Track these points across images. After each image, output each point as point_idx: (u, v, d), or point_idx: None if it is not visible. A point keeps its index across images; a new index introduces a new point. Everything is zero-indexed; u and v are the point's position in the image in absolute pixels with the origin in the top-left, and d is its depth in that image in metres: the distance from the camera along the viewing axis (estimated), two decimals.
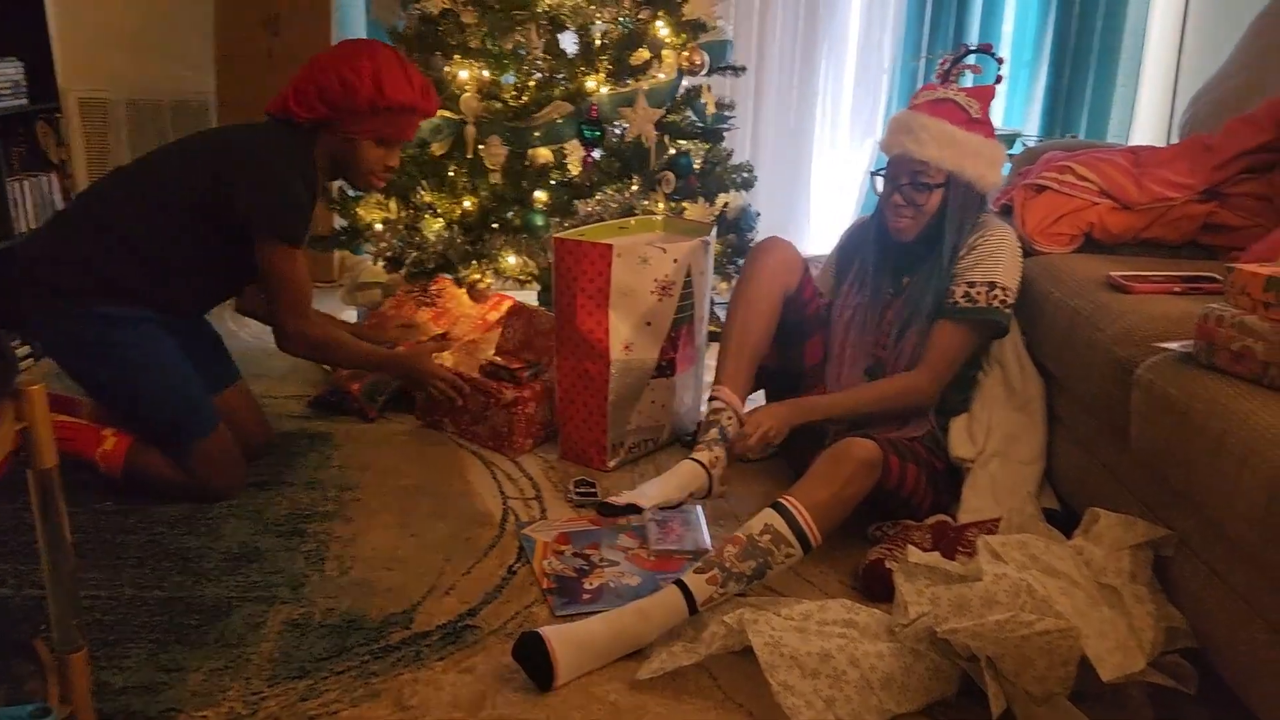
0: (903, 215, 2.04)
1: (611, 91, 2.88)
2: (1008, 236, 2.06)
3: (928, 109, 2.01)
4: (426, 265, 2.87)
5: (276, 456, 2.34)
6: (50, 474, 1.27)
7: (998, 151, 2.05)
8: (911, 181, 2.01)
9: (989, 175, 2.03)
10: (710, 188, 3.06)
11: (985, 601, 1.48)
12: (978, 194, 2.05)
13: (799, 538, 1.66)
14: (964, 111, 2.00)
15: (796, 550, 1.67)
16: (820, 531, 1.69)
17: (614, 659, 1.61)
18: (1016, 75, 4.18)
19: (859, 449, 1.77)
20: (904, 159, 2.01)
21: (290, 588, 1.81)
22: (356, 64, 2.07)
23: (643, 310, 2.28)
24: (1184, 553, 1.57)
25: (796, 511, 1.68)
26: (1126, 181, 2.24)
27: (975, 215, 2.06)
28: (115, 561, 1.88)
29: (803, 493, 1.71)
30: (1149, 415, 1.57)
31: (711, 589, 1.62)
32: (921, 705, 1.51)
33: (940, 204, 2.02)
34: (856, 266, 2.19)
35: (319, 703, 1.51)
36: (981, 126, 2.02)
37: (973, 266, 2.02)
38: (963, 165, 1.99)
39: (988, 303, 2.00)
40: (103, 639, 1.64)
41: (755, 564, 1.64)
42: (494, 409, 2.42)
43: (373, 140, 2.14)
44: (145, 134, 4.13)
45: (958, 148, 1.98)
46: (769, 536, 1.66)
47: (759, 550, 1.65)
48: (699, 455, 1.98)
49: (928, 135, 1.98)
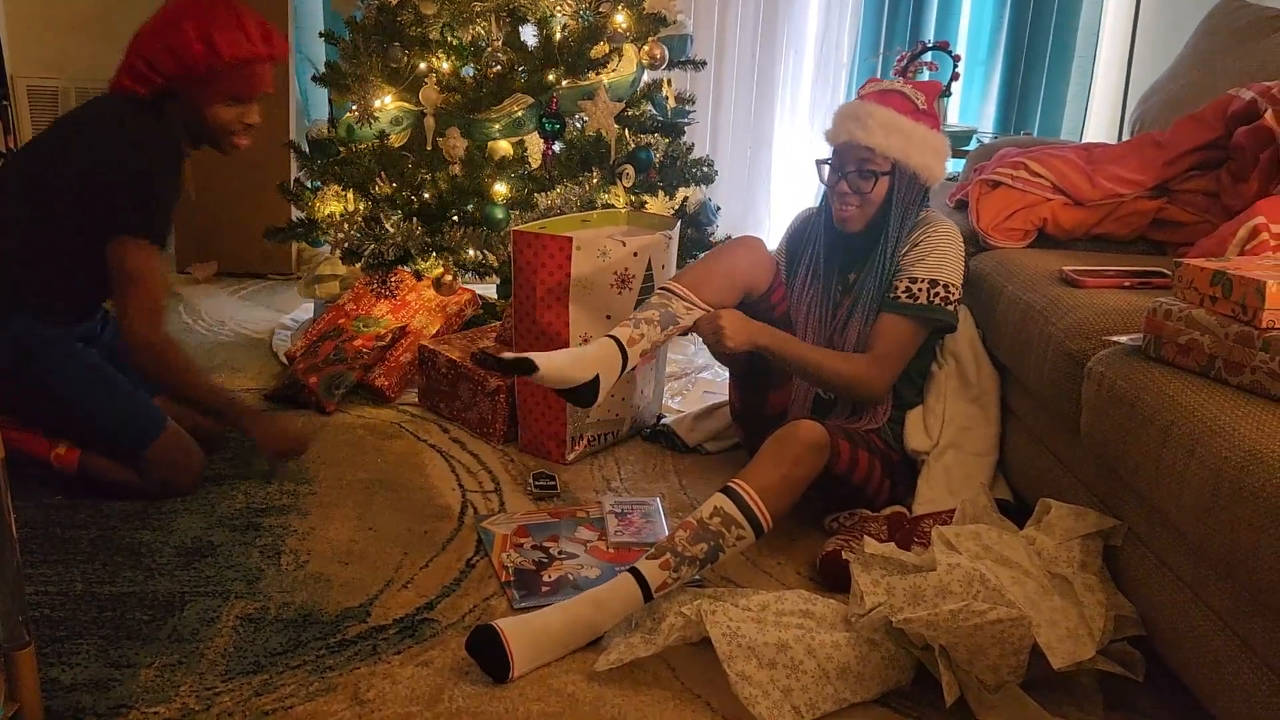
0: (849, 204, 2.04)
1: (572, 85, 2.87)
2: (951, 233, 2.07)
3: (875, 98, 2.03)
4: (385, 257, 2.84)
5: (231, 450, 2.31)
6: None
7: (943, 144, 2.06)
8: (858, 169, 2.01)
9: (934, 167, 2.04)
10: (670, 181, 3.06)
11: (939, 591, 1.50)
12: (921, 185, 2.06)
13: (749, 519, 1.67)
14: (910, 102, 2.02)
15: (747, 532, 1.67)
16: (770, 513, 1.69)
17: (571, 649, 1.61)
18: (972, 72, 4.22)
19: (805, 430, 1.77)
20: (851, 146, 2.01)
21: (245, 582, 1.79)
22: (181, 28, 1.93)
23: (602, 303, 2.28)
24: (1132, 542, 1.60)
25: (745, 494, 1.68)
26: (1079, 178, 2.28)
27: (917, 208, 2.08)
28: (65, 556, 1.85)
29: (751, 475, 1.72)
30: (1099, 407, 1.60)
31: (665, 574, 1.62)
32: (877, 694, 1.53)
33: (886, 193, 2.03)
34: (807, 259, 2.20)
35: (274, 698, 1.49)
36: (927, 118, 2.04)
37: (915, 263, 2.03)
38: (908, 154, 2.00)
39: (929, 300, 2.01)
40: (51, 635, 1.61)
41: (706, 546, 1.65)
42: (480, 396, 2.42)
43: (223, 102, 2.01)
44: None
45: (904, 136, 1.99)
46: (719, 519, 1.66)
47: (709, 533, 1.65)
48: (619, 331, 1.87)
49: (875, 123, 1.98)
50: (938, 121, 2.07)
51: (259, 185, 3.58)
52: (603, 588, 1.64)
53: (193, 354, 2.21)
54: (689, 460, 2.41)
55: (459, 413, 2.54)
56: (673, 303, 1.93)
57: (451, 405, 2.56)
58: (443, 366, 2.55)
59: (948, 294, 2.03)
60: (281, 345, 3.02)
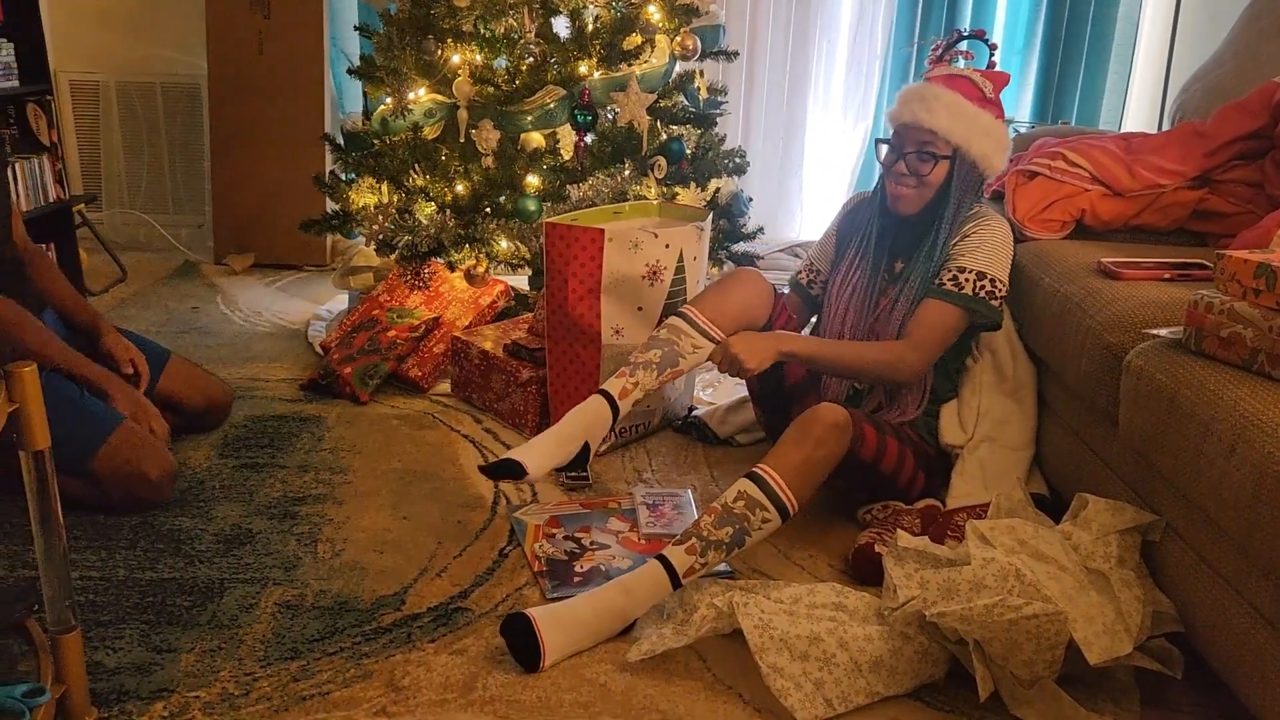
0: (905, 184, 2.01)
1: (604, 76, 2.87)
2: (1004, 230, 2.04)
3: (943, 81, 2.00)
4: (419, 249, 2.86)
5: (269, 439, 2.35)
6: (43, 455, 1.27)
7: (1005, 135, 2.03)
8: (918, 151, 1.99)
9: (994, 157, 2.01)
10: (702, 173, 3.06)
11: (973, 586, 1.50)
12: (979, 174, 2.04)
13: (773, 502, 1.66)
14: (978, 89, 2.00)
15: (772, 514, 1.66)
16: (794, 495, 1.67)
17: (602, 638, 1.62)
18: (1008, 61, 4.17)
19: (826, 412, 1.76)
20: (913, 127, 1.98)
21: (283, 569, 1.82)
22: None
23: (634, 295, 2.28)
24: (1171, 538, 1.58)
25: (769, 476, 1.68)
26: (1118, 168, 2.25)
27: (973, 198, 2.06)
28: (108, 543, 1.88)
29: (774, 458, 1.71)
30: (1138, 401, 1.58)
31: (691, 559, 1.62)
32: (910, 688, 1.52)
33: (944, 178, 2.00)
34: (856, 243, 2.18)
35: (311, 683, 1.51)
36: (993, 107, 2.01)
37: (964, 254, 2.01)
38: (970, 141, 1.97)
39: (974, 291, 1.99)
40: (96, 619, 1.64)
41: (732, 530, 1.64)
42: (512, 388, 2.44)
43: None
44: (136, 115, 4.12)
45: (968, 122, 1.96)
46: (743, 503, 1.66)
47: (734, 517, 1.65)
48: (612, 383, 1.89)
49: (940, 105, 1.96)
50: (1002, 112, 2.05)
51: (295, 178, 3.62)
52: (631, 575, 1.65)
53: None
54: (720, 452, 2.41)
55: (492, 403, 2.55)
56: (681, 341, 1.93)
57: (484, 396, 2.57)
58: (475, 358, 2.56)
59: (994, 289, 2.01)
60: (317, 336, 3.05)
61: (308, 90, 3.70)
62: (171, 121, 4.15)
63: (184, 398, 2.28)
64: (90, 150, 4.16)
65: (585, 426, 1.86)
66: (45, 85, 3.35)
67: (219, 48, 3.68)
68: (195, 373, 2.35)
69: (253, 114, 3.70)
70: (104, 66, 4.05)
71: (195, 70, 3.98)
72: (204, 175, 4.08)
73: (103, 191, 4.18)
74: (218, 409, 2.37)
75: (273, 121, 3.70)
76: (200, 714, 1.44)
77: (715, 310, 1.99)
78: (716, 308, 1.99)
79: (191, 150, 4.18)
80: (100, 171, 4.18)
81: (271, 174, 3.74)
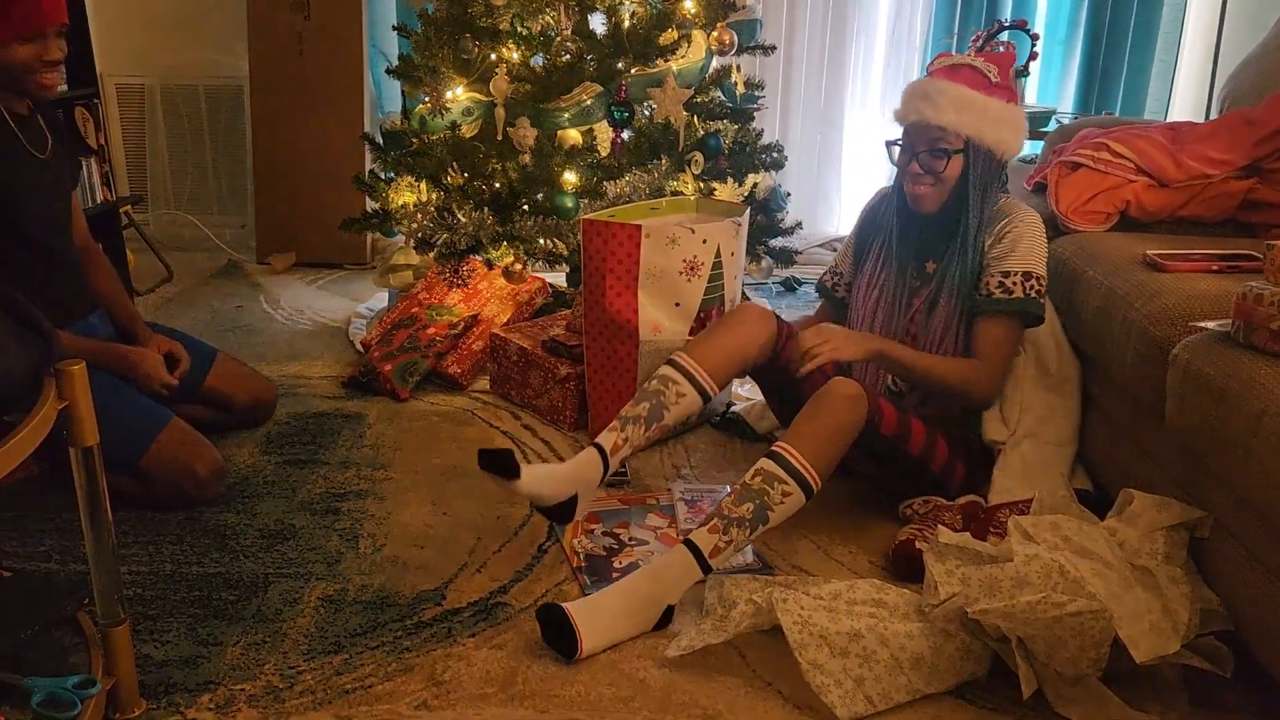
0: (922, 184, 1.98)
1: (640, 72, 2.87)
2: (1035, 222, 2.01)
3: (945, 74, 1.97)
4: (457, 247, 2.88)
5: (311, 436, 2.38)
6: (92, 451, 1.29)
7: (1019, 116, 1.99)
8: (930, 149, 1.95)
9: (1010, 141, 1.97)
10: (739, 168, 3.05)
11: (1017, 582, 1.48)
12: (998, 162, 2.00)
13: (791, 474, 1.67)
14: (983, 76, 1.95)
15: (792, 487, 1.67)
16: (812, 465, 1.68)
17: (638, 628, 1.62)
18: (1051, 51, 4.11)
19: (838, 385, 1.77)
20: (921, 126, 1.95)
21: (325, 564, 1.84)
22: None
23: (672, 291, 2.28)
24: (1220, 534, 1.55)
25: (784, 451, 1.70)
26: (1164, 158, 2.21)
27: (997, 187, 2.02)
28: (155, 538, 1.92)
29: (790, 435, 1.73)
30: (1185, 395, 1.55)
31: (715, 538, 1.63)
32: (951, 685, 1.51)
33: (961, 172, 1.97)
34: (880, 242, 2.16)
35: (354, 677, 1.53)
36: (1001, 91, 1.97)
37: (1005, 256, 1.98)
38: (982, 130, 1.93)
39: (1024, 293, 1.96)
40: (144, 613, 1.68)
41: (752, 506, 1.65)
42: (550, 384, 2.45)
43: (14, 41, 1.86)
44: (180, 118, 4.18)
45: (976, 112, 1.93)
46: (760, 478, 1.68)
47: (753, 493, 1.66)
48: (604, 437, 1.87)
49: (945, 100, 1.92)
50: (1013, 94, 2.00)
51: (335, 178, 3.66)
52: (659, 560, 1.66)
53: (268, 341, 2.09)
54: (759, 448, 2.40)
55: (530, 400, 2.56)
56: (667, 390, 1.90)
57: (523, 392, 2.58)
58: (514, 354, 2.58)
59: (1040, 285, 1.98)
60: (357, 334, 3.08)
61: (347, 90, 3.74)
62: (214, 123, 4.21)
63: (231, 395, 2.32)
64: (136, 152, 4.24)
65: (575, 479, 1.82)
66: (92, 89, 3.41)
67: (260, 49, 3.73)
68: (242, 370, 2.38)
69: (293, 114, 3.75)
70: (148, 70, 4.11)
71: (237, 72, 4.03)
72: (246, 175, 4.13)
73: (148, 193, 4.26)
74: (264, 406, 2.40)
75: (313, 122, 3.74)
76: (245, 706, 1.46)
77: (706, 356, 1.94)
78: (709, 353, 1.95)
79: (234, 151, 4.24)
80: (146, 173, 4.25)
81: (312, 174, 3.77)
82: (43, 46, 1.89)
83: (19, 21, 1.84)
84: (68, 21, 1.92)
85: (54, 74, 1.94)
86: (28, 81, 1.91)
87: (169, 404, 2.09)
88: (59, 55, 1.92)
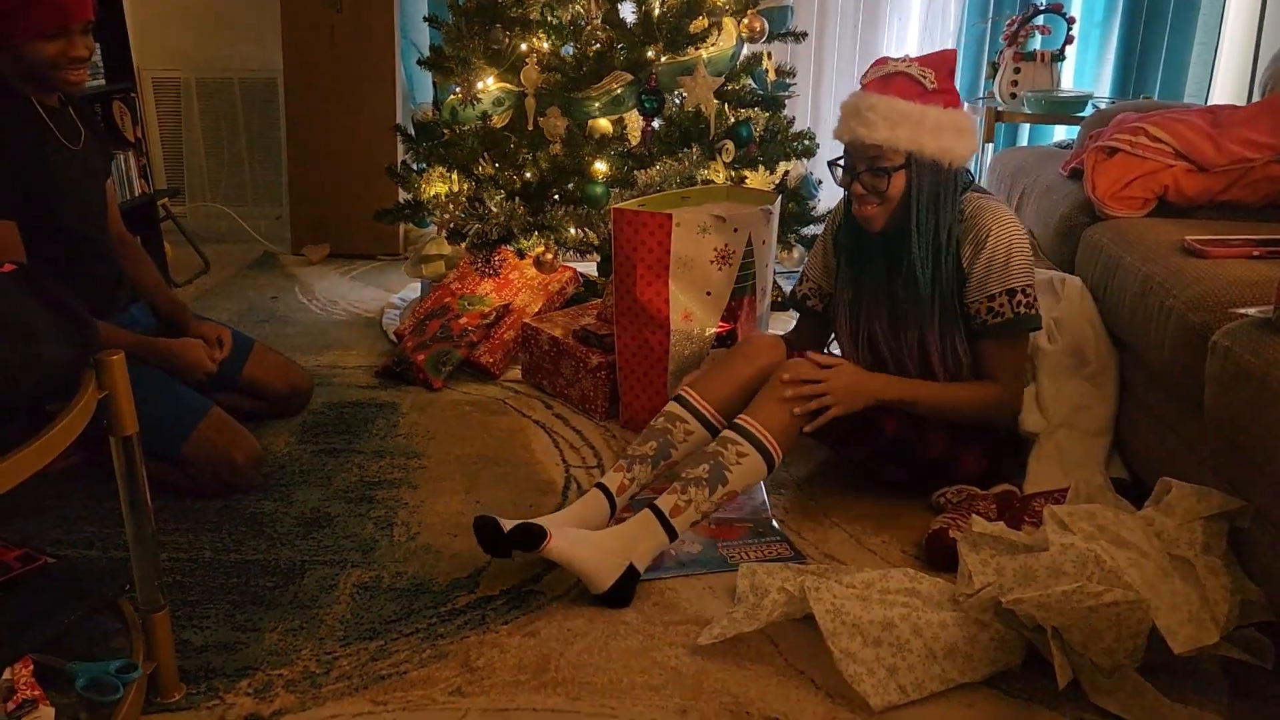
0: (867, 204, 1.90)
1: (670, 61, 2.86)
2: (1010, 227, 1.91)
3: (876, 87, 1.85)
4: (489, 237, 2.89)
5: (346, 425, 2.40)
6: (131, 440, 1.32)
7: (961, 119, 1.88)
8: (870, 168, 1.86)
9: (955, 148, 1.86)
10: (771, 156, 3.03)
11: (1052, 572, 1.46)
12: (946, 170, 1.88)
13: (746, 438, 1.76)
14: (916, 83, 1.83)
15: (747, 449, 1.75)
16: (768, 432, 1.77)
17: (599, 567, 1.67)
18: (1087, 35, 4.04)
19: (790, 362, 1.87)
20: (857, 145, 1.86)
21: (360, 552, 1.86)
22: None
23: (702, 280, 2.28)
24: (1261, 525, 1.52)
25: (743, 420, 1.78)
26: (1203, 142, 2.17)
27: (953, 194, 1.91)
28: (193, 526, 1.95)
29: (750, 408, 1.82)
30: (1225, 383, 1.53)
31: (674, 498, 1.72)
32: (985, 675, 1.50)
33: (905, 187, 1.88)
34: (849, 254, 2.07)
35: (389, 663, 1.55)
36: (938, 96, 1.85)
37: (985, 278, 1.90)
38: (921, 142, 1.83)
39: (1014, 312, 1.89)
40: (183, 599, 1.70)
41: (707, 466, 1.73)
42: (582, 373, 2.46)
43: (39, 38, 1.85)
44: (215, 111, 4.23)
45: (913, 124, 1.82)
46: (715, 443, 1.77)
47: (708, 454, 1.75)
48: (610, 478, 1.84)
49: (876, 115, 1.82)
50: (954, 97, 1.88)
51: (368, 169, 3.68)
52: (627, 522, 1.74)
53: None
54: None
55: (562, 389, 2.57)
56: (675, 429, 1.89)
57: (554, 382, 2.59)
58: (545, 344, 2.59)
59: (1026, 298, 1.90)
60: (391, 324, 3.11)
61: (379, 82, 3.76)
62: (249, 116, 4.26)
63: (268, 384, 2.35)
64: (173, 145, 4.29)
65: (582, 521, 1.80)
66: (129, 83, 3.45)
67: (293, 42, 3.76)
68: (278, 360, 2.41)
69: (326, 106, 3.78)
70: (184, 64, 4.16)
71: (271, 65, 4.07)
72: (281, 167, 4.18)
73: (185, 185, 4.31)
74: (300, 395, 2.43)
75: (346, 113, 3.77)
76: (283, 691, 1.49)
77: (714, 391, 1.92)
78: (717, 388, 1.93)
79: (268, 143, 4.28)
80: (182, 166, 4.31)
81: (345, 165, 3.81)
82: (68, 43, 1.89)
83: (44, 18, 1.84)
84: (93, 19, 1.92)
85: (80, 70, 1.94)
86: (54, 77, 1.91)
87: (207, 393, 2.12)
88: (85, 53, 1.92)
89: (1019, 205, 2.75)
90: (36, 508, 1.99)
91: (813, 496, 2.08)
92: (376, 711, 1.45)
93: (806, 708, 1.46)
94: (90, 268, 2.07)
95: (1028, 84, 3.54)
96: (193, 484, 2.03)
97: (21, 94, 1.93)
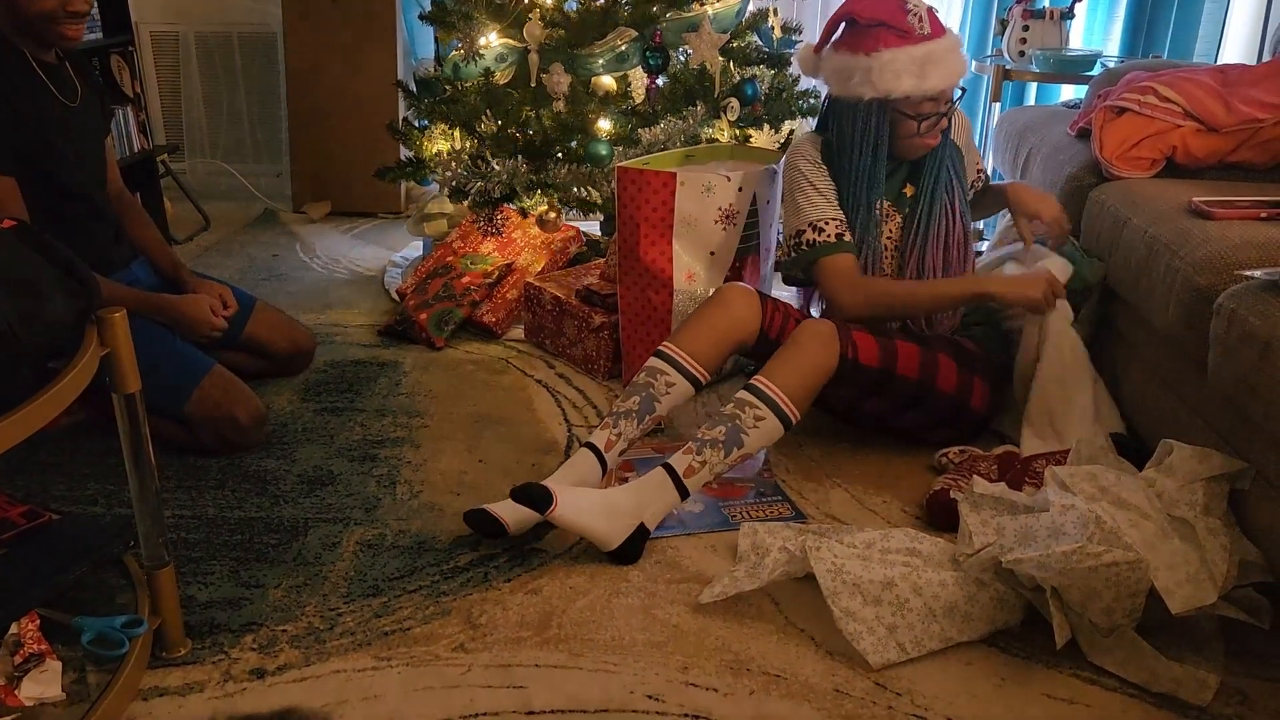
0: (938, 133, 2.03)
1: (675, 17, 2.82)
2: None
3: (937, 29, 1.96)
4: (491, 195, 2.87)
5: (348, 383, 2.40)
6: (135, 398, 1.32)
7: None
8: (950, 101, 2.00)
9: None
10: (776, 114, 3.00)
11: (1052, 532, 1.47)
12: None
13: (763, 400, 1.76)
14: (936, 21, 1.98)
15: (765, 412, 1.75)
16: (784, 393, 1.76)
17: (609, 529, 1.67)
18: None
19: (809, 324, 1.86)
20: (953, 86, 1.98)
21: (364, 510, 1.87)
22: None
23: (706, 239, 2.26)
24: (1262, 487, 1.53)
25: (759, 382, 1.78)
26: (1213, 102, 2.15)
27: None
28: (197, 483, 1.95)
29: (765, 370, 1.81)
30: (1229, 346, 1.53)
31: (689, 458, 1.72)
32: (984, 634, 1.51)
33: None
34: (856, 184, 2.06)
35: (392, 619, 1.56)
36: None
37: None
38: None
39: None
40: (188, 555, 1.72)
41: (725, 429, 1.74)
42: (585, 333, 2.46)
43: None
44: (214, 66, 4.19)
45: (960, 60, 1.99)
46: (733, 405, 1.77)
47: (725, 416, 1.76)
48: (595, 437, 1.86)
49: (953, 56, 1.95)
50: None
51: (369, 126, 3.65)
52: (639, 480, 1.74)
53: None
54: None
55: (564, 349, 2.57)
56: (656, 382, 1.90)
57: (557, 341, 2.59)
58: (548, 303, 2.58)
59: None
60: (393, 282, 3.10)
61: (380, 37, 3.71)
62: (249, 71, 4.21)
63: (271, 342, 2.34)
64: (171, 101, 4.25)
65: (576, 481, 1.81)
66: (127, 37, 3.41)
67: None
68: (281, 318, 2.40)
69: (327, 62, 3.73)
70: (182, 17, 4.11)
71: (270, 19, 4.02)
72: (281, 124, 4.14)
73: (184, 141, 4.28)
74: (303, 353, 2.42)
75: (346, 69, 3.73)
76: (288, 646, 1.50)
77: (693, 342, 1.93)
78: (695, 340, 1.94)
79: (269, 99, 4.24)
80: (182, 122, 4.27)
81: (346, 122, 3.77)
82: None
83: None
84: None
85: (78, 25, 1.92)
86: (50, 32, 1.89)
87: (210, 351, 2.12)
88: (84, 6, 1.90)
89: (1026, 164, 2.73)
90: (41, 464, 2.00)
91: (814, 457, 2.08)
92: (380, 667, 1.46)
93: (806, 665, 1.48)
94: (89, 225, 2.06)
95: (1036, 41, 3.49)
96: (195, 442, 2.03)
97: (18, 50, 1.91)
